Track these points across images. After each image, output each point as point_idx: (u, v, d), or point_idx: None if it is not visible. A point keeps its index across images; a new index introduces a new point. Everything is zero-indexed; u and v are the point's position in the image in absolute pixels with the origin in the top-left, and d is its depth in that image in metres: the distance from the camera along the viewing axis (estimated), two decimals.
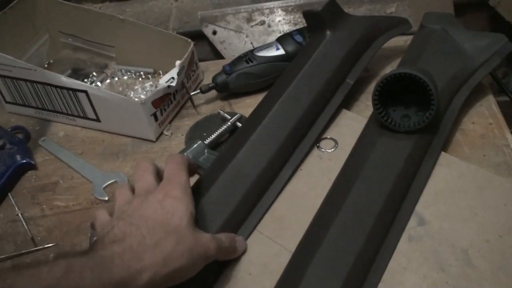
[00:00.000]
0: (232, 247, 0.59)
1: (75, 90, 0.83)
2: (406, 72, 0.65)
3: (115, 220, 0.54)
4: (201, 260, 0.54)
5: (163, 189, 0.57)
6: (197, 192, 0.66)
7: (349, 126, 0.76)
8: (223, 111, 0.84)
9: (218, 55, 1.04)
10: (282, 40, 0.87)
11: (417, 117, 0.68)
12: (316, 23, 0.81)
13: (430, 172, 0.67)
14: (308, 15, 0.81)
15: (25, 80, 0.87)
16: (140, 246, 0.50)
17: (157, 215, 0.53)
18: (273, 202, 0.67)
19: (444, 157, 0.68)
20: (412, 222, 0.61)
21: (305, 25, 0.86)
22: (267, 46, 0.87)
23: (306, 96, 0.74)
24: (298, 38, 0.86)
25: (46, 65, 1.01)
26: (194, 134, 0.83)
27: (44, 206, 0.77)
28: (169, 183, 0.58)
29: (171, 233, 0.52)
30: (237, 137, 0.74)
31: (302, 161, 0.71)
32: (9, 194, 0.80)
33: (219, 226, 0.62)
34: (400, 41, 0.91)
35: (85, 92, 0.82)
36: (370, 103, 0.80)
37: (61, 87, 0.84)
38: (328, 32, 0.80)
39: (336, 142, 0.74)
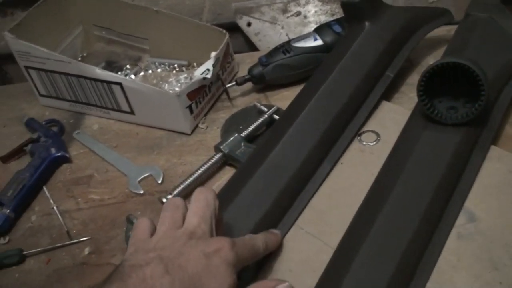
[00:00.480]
0: (266, 248, 0.55)
1: (109, 83, 0.81)
2: (455, 61, 0.62)
3: (152, 253, 0.48)
4: None
5: (215, 243, 0.49)
6: (233, 186, 0.64)
7: (392, 119, 0.73)
8: (259, 103, 0.82)
9: (252, 47, 1.02)
10: (320, 30, 0.84)
11: (465, 109, 0.65)
12: (354, 14, 0.78)
13: (479, 166, 0.63)
14: (346, 5, 0.79)
15: (59, 73, 0.86)
16: None
17: (198, 272, 0.47)
18: (312, 197, 0.65)
19: (494, 150, 0.65)
20: (461, 219, 0.58)
21: (343, 15, 0.83)
22: (304, 36, 0.84)
23: (345, 89, 0.72)
24: (337, 28, 0.83)
25: (79, 58, 1.00)
26: (230, 127, 0.81)
27: (79, 199, 0.76)
28: (220, 240, 0.50)
29: None
30: (274, 130, 0.72)
31: (342, 154, 0.69)
32: (44, 187, 0.79)
33: (256, 221, 0.60)
34: (443, 30, 0.87)
35: (120, 84, 0.81)
36: (412, 94, 0.78)
37: (96, 80, 0.83)
38: (367, 24, 0.77)
39: (378, 135, 0.71)
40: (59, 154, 0.82)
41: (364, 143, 0.70)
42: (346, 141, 0.70)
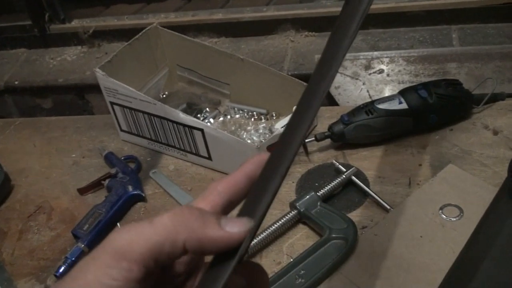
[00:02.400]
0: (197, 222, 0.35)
1: (191, 127, 0.83)
2: None
3: None
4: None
5: None
6: None
7: (476, 194, 0.71)
8: (337, 162, 0.81)
9: (331, 101, 1.02)
10: (405, 93, 0.83)
11: None
12: None
13: None
14: None
15: (143, 112, 0.88)
16: None
17: None
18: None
19: None
20: None
21: (430, 78, 0.81)
22: (388, 98, 0.83)
23: None
24: (423, 93, 0.82)
25: (161, 97, 1.03)
26: (306, 182, 0.81)
27: None
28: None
29: None
30: None
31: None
32: (118, 224, 0.81)
33: None
34: None
35: (201, 130, 0.82)
36: (498, 169, 0.75)
37: (178, 123, 0.84)
38: None
39: (461, 210, 0.69)
40: (135, 192, 0.84)
41: (446, 217, 0.68)
42: None
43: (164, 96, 1.04)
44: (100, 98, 1.13)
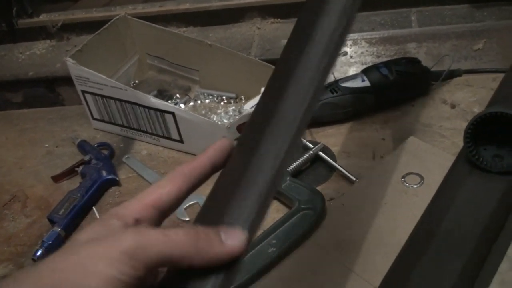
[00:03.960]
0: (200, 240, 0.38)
1: (162, 111, 0.85)
2: (502, 111, 0.64)
3: None
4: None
5: None
6: None
7: (435, 162, 0.75)
8: (304, 139, 0.84)
9: None
10: (367, 71, 0.87)
11: (510, 157, 0.66)
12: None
13: None
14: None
15: (115, 99, 0.90)
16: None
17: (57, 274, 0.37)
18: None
19: None
20: (504, 266, 0.59)
21: (392, 58, 0.85)
22: (352, 77, 0.87)
23: None
24: (384, 70, 0.86)
25: (132, 85, 1.05)
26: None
27: None
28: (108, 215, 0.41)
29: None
30: None
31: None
32: (93, 208, 0.82)
33: None
34: (489, 77, 0.89)
35: (172, 113, 0.84)
36: (456, 140, 0.79)
37: (149, 108, 0.86)
38: None
39: (422, 177, 0.73)
40: (109, 177, 0.85)
41: (408, 185, 0.72)
42: None
43: (135, 84, 1.05)
44: (71, 91, 1.14)
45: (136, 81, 1.06)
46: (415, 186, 0.72)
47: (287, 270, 0.66)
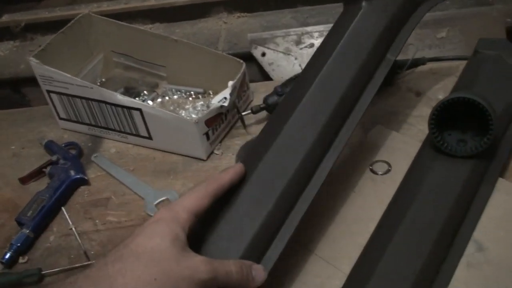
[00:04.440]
0: (244, 276, 0.54)
1: (129, 108, 0.84)
2: (465, 96, 0.65)
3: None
4: (186, 284, 0.49)
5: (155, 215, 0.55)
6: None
7: (402, 150, 0.75)
8: None
9: (266, 77, 1.05)
10: None
11: (473, 142, 0.68)
12: None
13: (487, 198, 0.66)
14: None
15: (81, 98, 0.89)
16: (96, 274, 0.49)
17: (134, 241, 0.51)
18: (313, 204, 0.61)
19: (502, 183, 0.67)
20: (470, 249, 0.61)
21: None
22: None
23: (343, 77, 0.67)
24: None
25: (98, 83, 1.03)
26: (245, 153, 0.84)
27: (97, 221, 0.78)
28: (166, 206, 0.55)
29: (140, 257, 0.49)
30: (271, 122, 0.69)
31: (342, 148, 0.65)
32: (62, 209, 0.81)
33: (252, 233, 0.58)
34: (452, 65, 0.90)
35: (139, 110, 0.83)
36: (422, 127, 0.80)
37: (116, 105, 0.85)
38: (363, 3, 0.70)
39: (389, 165, 0.74)
40: (77, 176, 0.84)
41: (375, 172, 0.73)
42: (347, 134, 0.65)
43: (102, 82, 1.04)
44: (37, 91, 1.11)
45: (103, 79, 1.05)
46: (383, 174, 0.73)
47: None
